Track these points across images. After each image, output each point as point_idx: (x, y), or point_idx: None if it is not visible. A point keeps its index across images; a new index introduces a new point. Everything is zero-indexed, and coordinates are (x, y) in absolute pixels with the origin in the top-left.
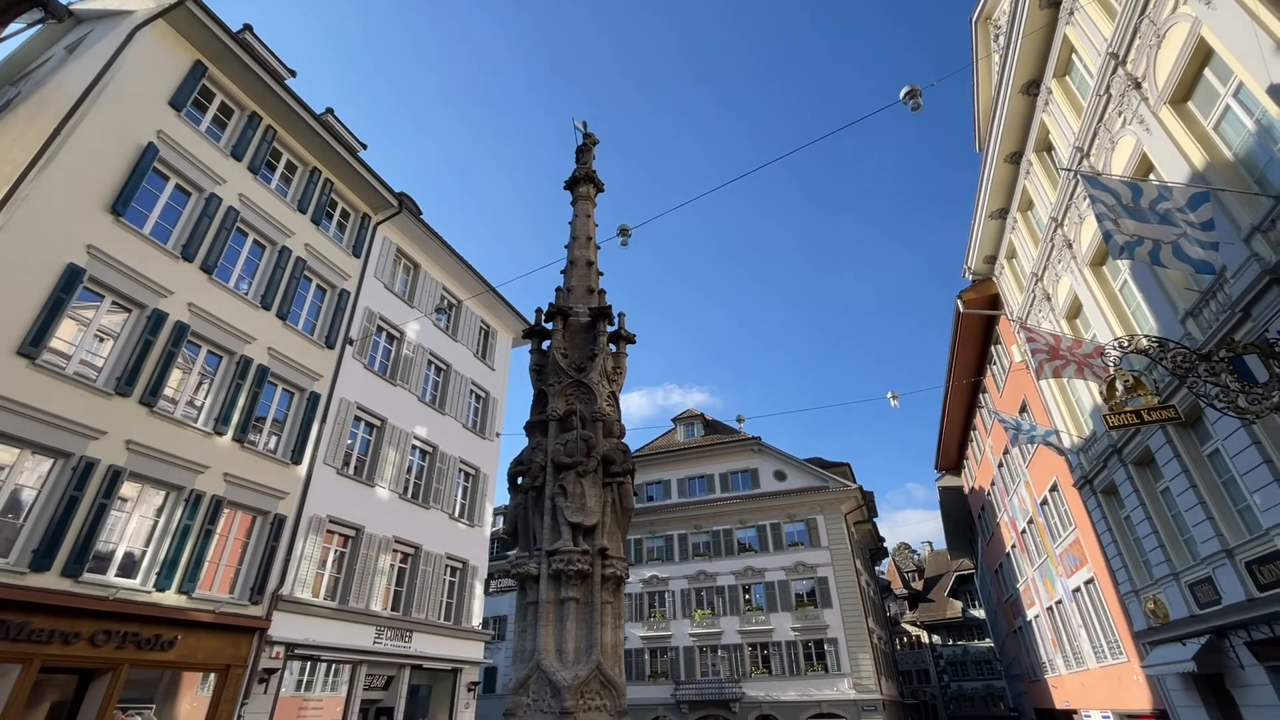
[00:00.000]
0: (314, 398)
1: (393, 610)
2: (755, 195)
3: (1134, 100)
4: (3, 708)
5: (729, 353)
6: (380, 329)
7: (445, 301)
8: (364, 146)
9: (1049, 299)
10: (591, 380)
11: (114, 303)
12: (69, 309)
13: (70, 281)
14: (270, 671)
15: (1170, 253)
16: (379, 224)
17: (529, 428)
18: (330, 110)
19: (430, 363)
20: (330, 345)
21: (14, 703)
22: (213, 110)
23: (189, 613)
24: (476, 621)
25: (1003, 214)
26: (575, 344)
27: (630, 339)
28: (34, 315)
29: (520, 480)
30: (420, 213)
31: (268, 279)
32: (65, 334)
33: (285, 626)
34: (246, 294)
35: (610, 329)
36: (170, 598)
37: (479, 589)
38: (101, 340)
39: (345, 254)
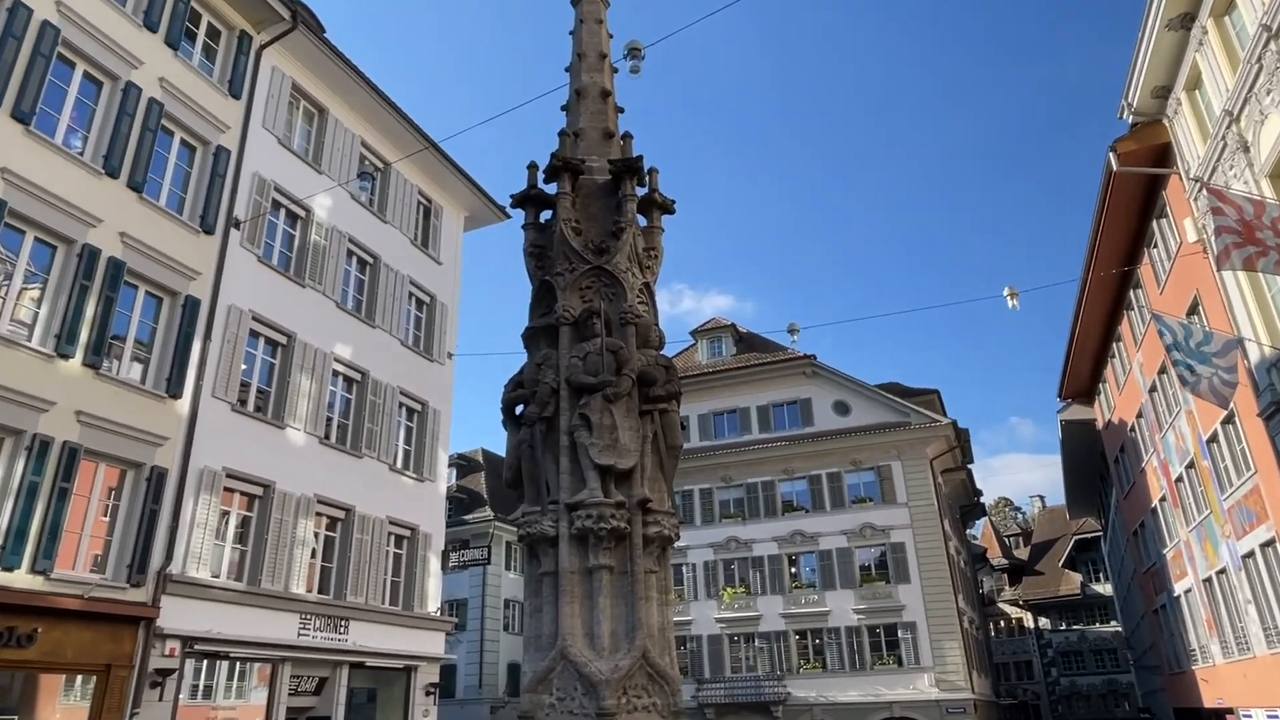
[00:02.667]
0: (191, 304)
1: (321, 593)
2: (798, 10)
3: None
4: None
5: (765, 241)
6: (277, 205)
7: (368, 165)
8: None
9: (1246, 149)
10: (617, 266)
11: None
12: None
13: None
14: (165, 673)
15: None
16: (264, 47)
17: (530, 335)
18: None
19: (351, 254)
20: (208, 230)
21: None
22: None
23: (49, 598)
24: (433, 606)
25: (1186, 22)
26: (591, 214)
27: (668, 207)
28: None
29: (522, 410)
30: (323, 30)
31: (111, 131)
32: None
33: (180, 615)
34: (82, 154)
35: (640, 191)
36: (21, 579)
37: (434, 563)
38: None
39: (218, 93)
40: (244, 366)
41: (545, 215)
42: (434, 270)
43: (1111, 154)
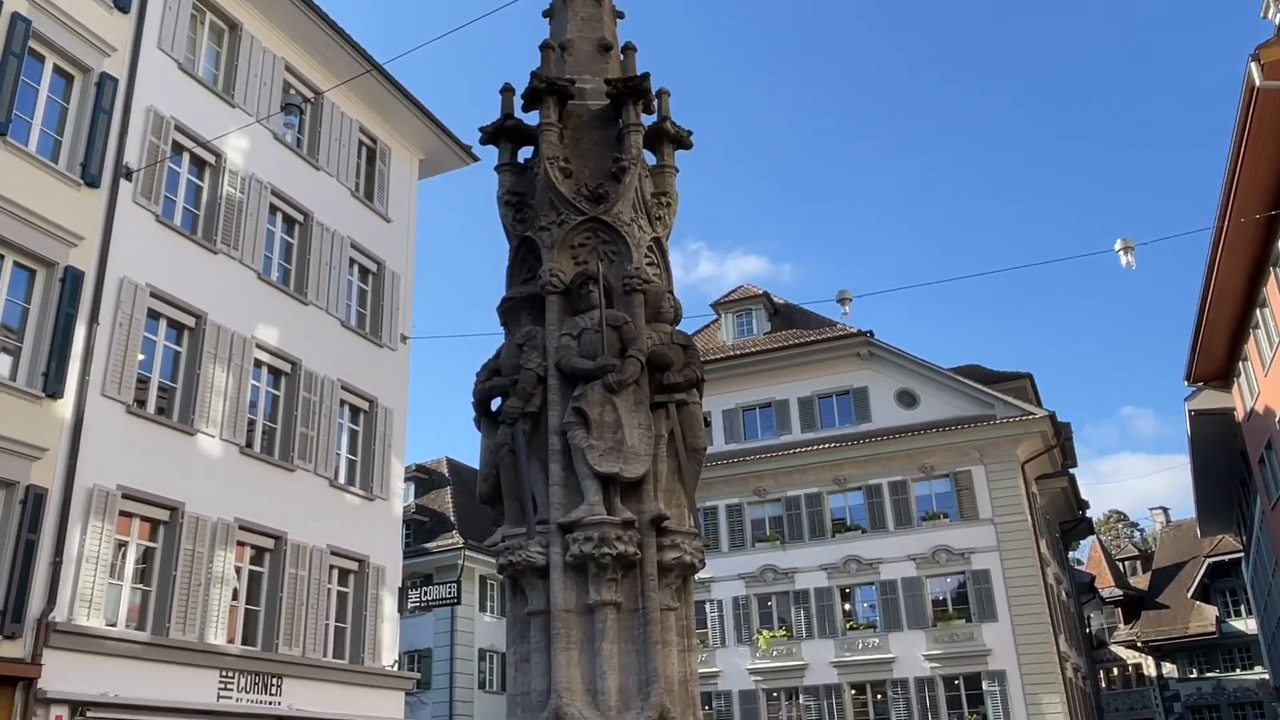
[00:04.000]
0: (72, 278)
1: (246, 644)
2: None
3: None
4: None
5: (807, 185)
6: (179, 149)
7: (294, 95)
8: None
9: None
10: (619, 217)
11: None
12: None
13: None
14: None
15: None
16: None
17: (508, 309)
18: None
19: (275, 210)
20: (91, 182)
21: None
22: None
23: None
24: (388, 658)
25: None
26: (584, 151)
27: (682, 140)
28: None
29: (499, 404)
30: None
31: None
32: None
33: (68, 674)
34: None
35: (646, 120)
36: None
37: (388, 604)
38: None
39: (101, 6)
40: (142, 357)
41: (525, 153)
42: (381, 230)
43: (1253, 65)
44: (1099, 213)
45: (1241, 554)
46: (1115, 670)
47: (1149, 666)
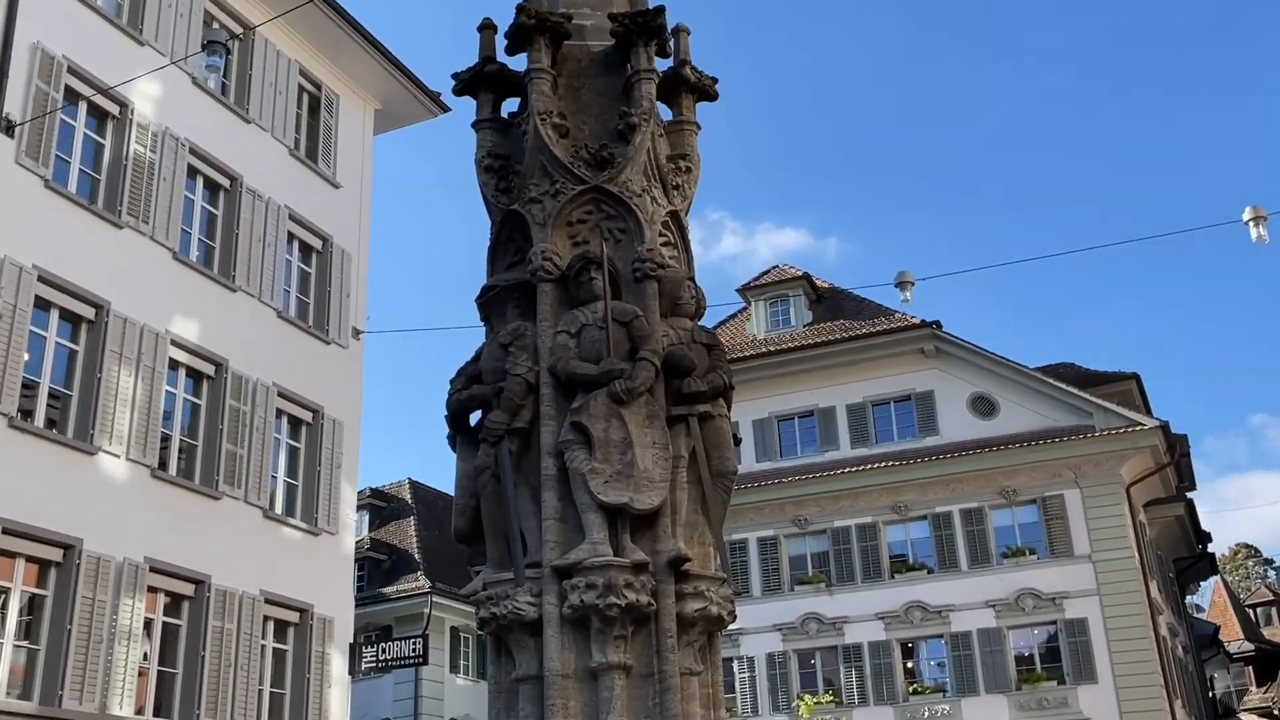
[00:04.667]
0: None
1: (159, 715)
2: None
3: None
4: None
5: (856, 142)
6: (75, 97)
7: (219, 30)
8: None
9: None
10: (627, 187)
11: None
12: None
13: None
14: None
15: None
16: None
17: (491, 300)
18: None
19: (195, 174)
20: None
21: None
22: None
23: None
24: None
25: None
26: (583, 104)
27: (706, 90)
28: None
29: (481, 419)
30: None
31: None
32: None
33: None
34: None
35: (661, 65)
36: None
37: (338, 664)
38: None
39: None
40: (27, 357)
41: (510, 106)
42: (328, 197)
43: None
44: (1221, 176)
45: None
46: None
47: None
